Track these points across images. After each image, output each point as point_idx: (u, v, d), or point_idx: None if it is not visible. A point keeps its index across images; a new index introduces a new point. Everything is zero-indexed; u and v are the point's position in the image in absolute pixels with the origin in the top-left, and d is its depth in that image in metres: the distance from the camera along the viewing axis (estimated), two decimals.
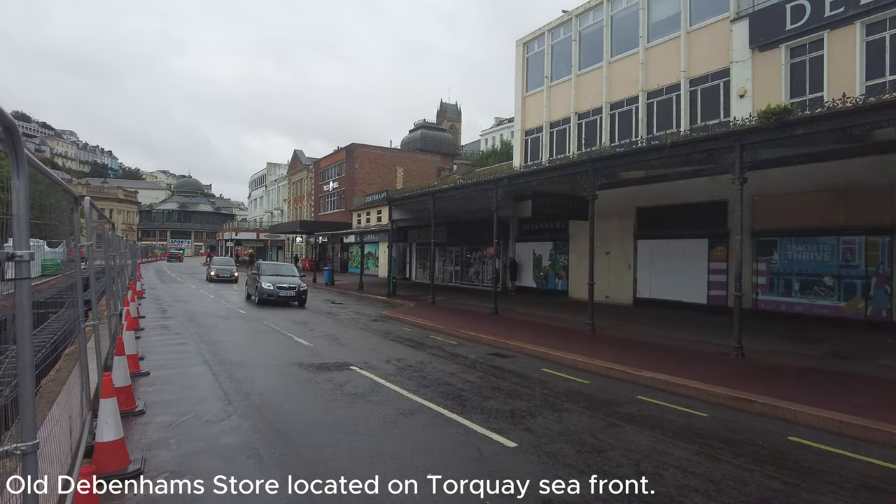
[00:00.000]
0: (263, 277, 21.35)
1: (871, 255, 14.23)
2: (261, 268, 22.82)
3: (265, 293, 20.53)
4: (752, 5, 17.59)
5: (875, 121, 9.33)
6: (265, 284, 20.70)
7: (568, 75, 24.48)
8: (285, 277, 21.74)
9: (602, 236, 20.90)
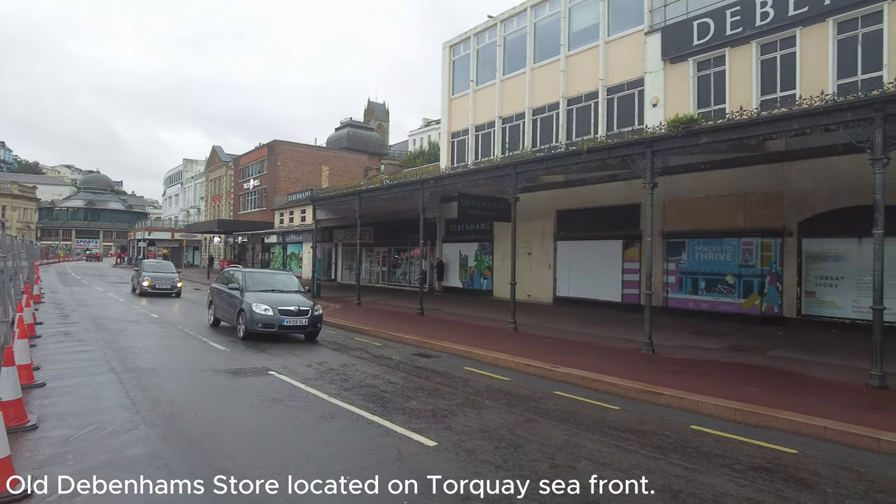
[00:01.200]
0: (251, 296, 13.02)
1: (765, 256, 15.47)
2: (245, 280, 13.88)
3: (259, 322, 12.39)
4: (664, 20, 18.65)
5: (767, 132, 10.15)
6: (258, 308, 12.42)
7: (493, 80, 24.96)
8: (286, 295, 13.54)
9: (525, 237, 21.51)
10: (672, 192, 17.12)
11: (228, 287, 14.24)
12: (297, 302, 12.91)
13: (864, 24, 14.25)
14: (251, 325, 12.37)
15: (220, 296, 14.67)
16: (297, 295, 13.85)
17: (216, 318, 15.00)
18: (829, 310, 14.34)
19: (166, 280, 24.45)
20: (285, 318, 12.39)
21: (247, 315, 12.45)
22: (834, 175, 13.83)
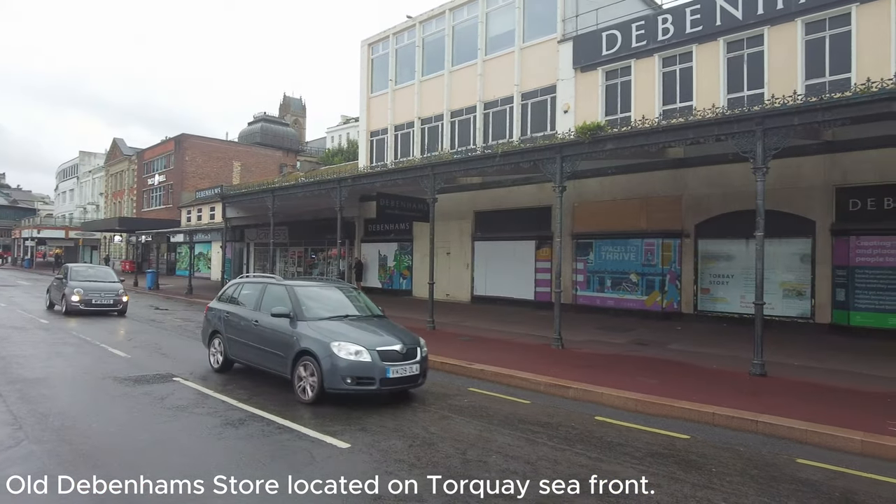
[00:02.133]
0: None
1: (666, 256, 16.58)
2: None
3: (347, 374, 8.16)
4: (575, 30, 19.49)
5: (666, 140, 10.90)
6: (343, 352, 8.09)
7: (412, 80, 25.02)
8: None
9: (443, 238, 21.74)
10: (581, 196, 17.95)
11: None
12: (394, 336, 7.97)
13: (749, 46, 15.61)
14: (332, 381, 7.32)
15: (240, 327, 9.03)
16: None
17: (227, 357, 9.33)
18: (721, 305, 15.58)
19: (106, 293, 17.60)
20: (390, 365, 7.48)
21: (322, 362, 7.39)
22: (726, 181, 15.03)
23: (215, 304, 10.03)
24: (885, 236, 13.11)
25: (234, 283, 10.28)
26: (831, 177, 13.84)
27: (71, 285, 17.39)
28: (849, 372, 9.69)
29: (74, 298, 17.04)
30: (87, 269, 19.65)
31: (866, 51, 13.74)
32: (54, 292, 18.75)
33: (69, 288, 17.25)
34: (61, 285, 17.85)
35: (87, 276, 18.43)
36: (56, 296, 18.45)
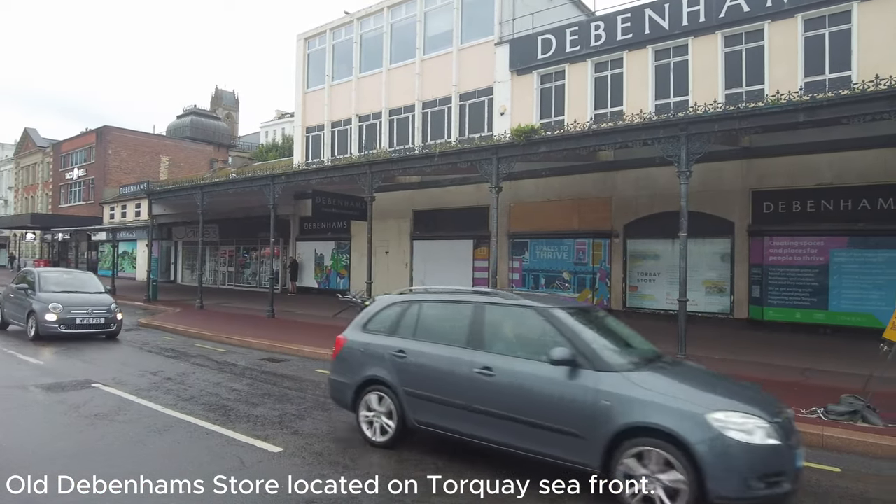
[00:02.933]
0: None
1: (596, 255, 17.17)
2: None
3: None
4: (512, 33, 19.83)
5: (597, 144, 11.29)
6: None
7: (349, 77, 24.69)
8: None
9: (382, 236, 21.59)
10: (517, 196, 18.29)
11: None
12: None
13: (675, 55, 16.39)
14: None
15: (440, 378, 5.55)
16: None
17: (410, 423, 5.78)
18: (648, 302, 16.29)
19: (95, 308, 12.91)
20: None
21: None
22: (653, 184, 15.72)
23: (363, 337, 6.36)
24: (794, 237, 14.12)
25: (399, 300, 6.42)
26: (748, 181, 14.75)
27: (42, 298, 12.53)
28: (763, 363, 10.36)
29: (50, 318, 12.14)
30: (60, 276, 14.46)
31: (778, 64, 14.72)
32: (10, 307, 13.98)
33: (40, 302, 12.42)
34: (23, 298, 13.02)
35: (64, 285, 13.50)
36: (15, 313, 13.58)
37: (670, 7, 16.25)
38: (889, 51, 13.17)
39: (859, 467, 5.65)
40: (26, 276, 14.18)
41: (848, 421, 6.68)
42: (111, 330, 13.00)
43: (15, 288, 13.97)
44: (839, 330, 13.21)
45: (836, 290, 13.53)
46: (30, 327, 12.58)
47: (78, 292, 13.31)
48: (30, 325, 12.58)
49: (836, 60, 14.09)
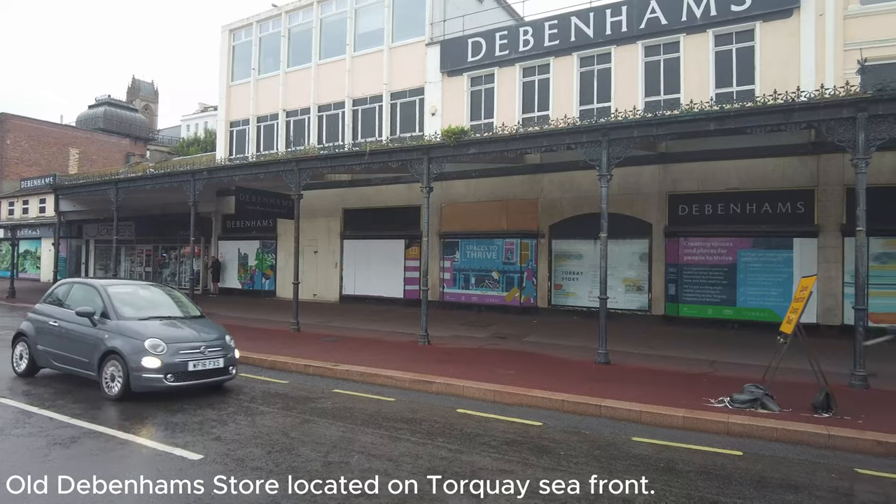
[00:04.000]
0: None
1: (524, 254, 17.60)
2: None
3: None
4: (443, 34, 19.96)
5: (524, 147, 11.57)
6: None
7: (277, 71, 24.01)
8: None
9: (310, 235, 21.16)
10: (448, 197, 18.47)
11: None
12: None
13: (599, 62, 17.07)
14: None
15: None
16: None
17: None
18: (572, 300, 16.87)
19: (210, 347, 8.15)
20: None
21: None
22: (577, 186, 16.30)
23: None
24: (705, 238, 15.07)
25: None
26: (665, 185, 15.59)
27: (125, 330, 7.84)
28: (677, 357, 11.00)
29: (150, 363, 7.47)
30: (136, 292, 9.30)
31: (692, 75, 15.67)
32: (51, 343, 8.64)
33: (125, 337, 7.72)
34: (83, 330, 8.15)
35: (145, 307, 8.66)
36: (63, 351, 8.44)
37: (595, 16, 16.92)
38: (786, 68, 14.34)
39: (759, 450, 6.11)
40: (83, 294, 8.72)
41: (749, 408, 7.22)
42: (230, 376, 8.40)
43: (58, 313, 8.67)
44: (745, 324, 14.23)
45: (743, 288, 14.57)
46: (109, 379, 7.61)
47: (171, 318, 8.60)
48: (109, 376, 7.63)
49: (743, 74, 15.17)
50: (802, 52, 14.37)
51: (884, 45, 13.58)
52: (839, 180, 13.37)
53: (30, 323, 9.18)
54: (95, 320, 8.08)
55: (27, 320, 9.29)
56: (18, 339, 9.22)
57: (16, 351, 9.22)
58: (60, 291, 9.33)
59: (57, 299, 9.20)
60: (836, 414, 6.97)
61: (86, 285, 9.20)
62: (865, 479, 5.39)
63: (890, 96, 8.44)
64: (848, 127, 8.72)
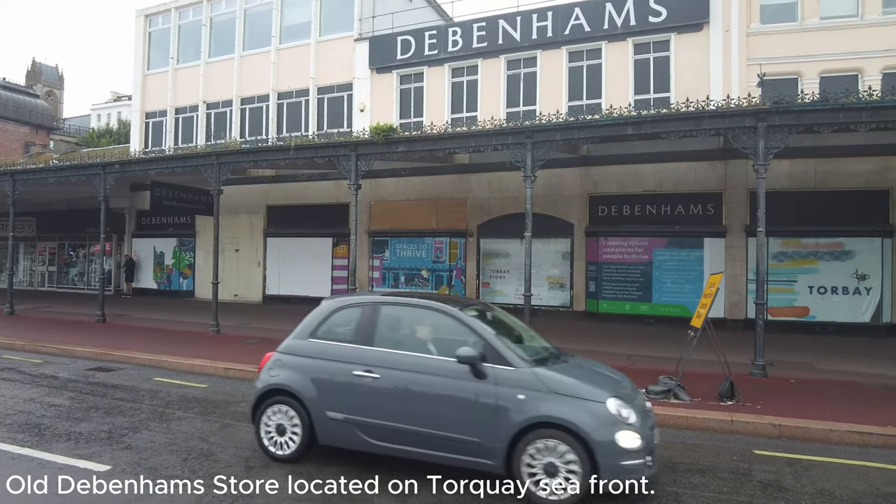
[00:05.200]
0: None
1: (453, 253, 17.76)
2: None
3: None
4: (372, 30, 19.75)
5: (452, 147, 11.68)
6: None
7: (197, 61, 22.90)
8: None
9: (232, 233, 20.38)
10: (378, 194, 18.32)
11: None
12: None
13: (526, 66, 17.48)
14: None
15: None
16: None
17: None
18: (499, 297, 17.17)
19: None
20: None
21: None
22: (504, 187, 16.60)
23: None
24: (622, 237, 15.79)
25: None
26: (586, 187, 16.18)
27: (559, 385, 4.82)
28: (596, 351, 11.39)
29: (629, 443, 4.56)
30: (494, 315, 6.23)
31: (613, 81, 16.35)
32: (349, 402, 5.28)
33: (574, 404, 4.68)
34: (467, 388, 4.88)
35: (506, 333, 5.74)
36: (443, 429, 4.92)
37: (521, 20, 17.30)
38: (698, 78, 15.26)
39: (671, 438, 6.47)
40: (411, 321, 5.70)
41: (663, 399, 7.63)
42: None
43: (370, 357, 5.33)
44: (660, 319, 15.03)
45: (658, 285, 15.38)
46: (543, 473, 4.57)
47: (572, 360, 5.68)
48: (543, 468, 4.58)
49: (659, 82, 16.00)
50: (712, 64, 15.35)
51: (780, 62, 14.77)
52: (744, 184, 14.39)
53: (293, 373, 5.48)
54: (483, 369, 4.82)
55: (280, 367, 5.57)
56: (273, 402, 5.50)
57: (271, 421, 5.48)
58: (343, 320, 5.72)
59: (343, 334, 5.57)
60: (739, 401, 7.50)
61: (414, 308, 5.74)
62: (762, 459, 5.84)
63: (785, 108, 9.18)
64: (750, 135, 9.39)
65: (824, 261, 14.12)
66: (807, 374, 9.43)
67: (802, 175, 14.10)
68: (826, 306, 14.06)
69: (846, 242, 13.97)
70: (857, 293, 13.87)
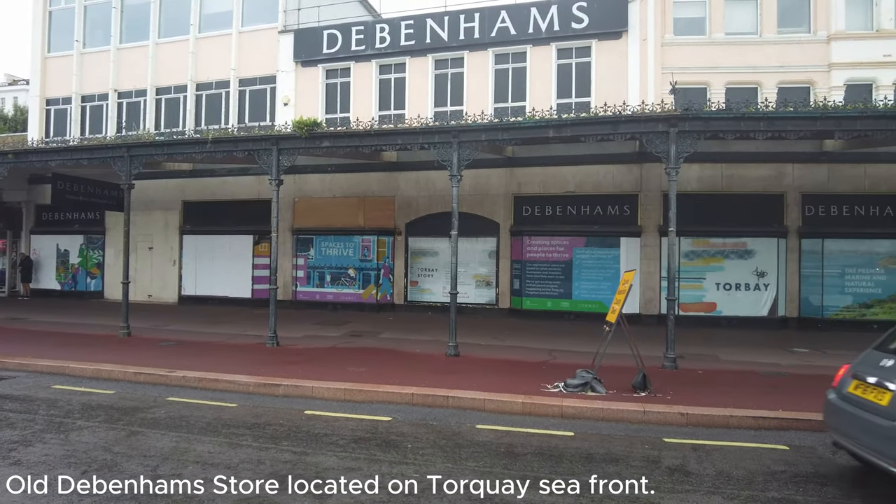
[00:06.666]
0: None
1: (381, 251, 17.60)
2: None
3: None
4: (297, 23, 19.23)
5: (378, 144, 11.56)
6: None
7: (107, 45, 21.41)
8: None
9: (145, 230, 19.29)
10: (302, 191, 17.86)
11: None
12: None
13: (453, 66, 17.62)
14: None
15: None
16: None
17: None
18: (427, 296, 17.22)
19: None
20: None
21: None
22: (432, 186, 16.64)
23: None
24: (545, 237, 16.22)
25: None
26: (511, 187, 16.49)
27: None
28: (520, 346, 11.71)
29: None
30: None
31: (537, 84, 16.78)
32: None
33: None
34: None
35: None
36: None
37: (449, 20, 17.41)
38: (616, 84, 15.94)
39: (588, 430, 6.71)
40: None
41: (581, 392, 7.90)
42: None
43: None
44: (580, 315, 15.56)
45: (578, 282, 15.92)
46: None
47: None
48: None
49: (581, 87, 16.59)
50: (630, 71, 16.08)
51: (691, 72, 15.70)
52: (658, 187, 15.15)
53: None
54: None
55: None
56: None
57: None
58: None
59: None
60: (651, 392, 7.89)
61: None
62: (671, 446, 6.16)
63: (694, 115, 9.75)
64: (663, 139, 9.90)
65: (730, 259, 15.14)
66: (713, 366, 10.07)
67: (711, 179, 15.04)
68: (731, 302, 15.07)
69: (749, 242, 15.05)
70: (758, 289, 14.97)
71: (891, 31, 15.48)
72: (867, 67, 15.41)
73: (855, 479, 5.29)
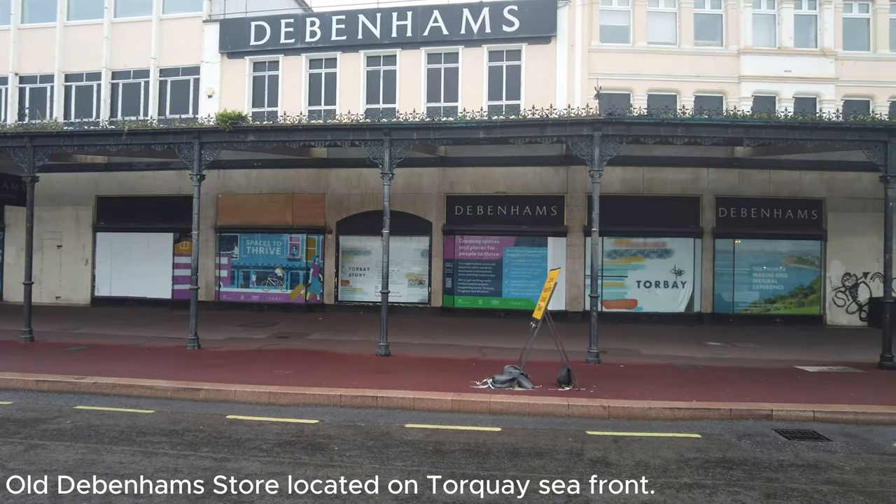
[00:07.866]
0: None
1: (310, 250, 17.20)
2: None
3: None
4: (223, 12, 18.44)
5: (307, 139, 11.27)
6: None
7: (6, 24, 19.70)
8: None
9: (54, 227, 18.00)
10: (226, 187, 17.19)
11: None
12: None
13: (386, 63, 17.47)
14: None
15: None
16: None
17: None
18: (359, 295, 17.00)
19: None
20: None
21: None
22: (364, 183, 16.44)
23: None
24: (477, 236, 16.41)
25: None
26: (443, 187, 16.57)
27: None
28: (451, 344, 11.78)
29: None
30: None
31: (469, 85, 16.93)
32: None
33: None
34: None
35: None
36: None
37: (381, 17, 17.26)
38: (545, 88, 16.35)
39: (514, 425, 6.84)
40: None
41: (508, 387, 8.04)
42: None
43: None
44: (510, 313, 15.86)
45: (507, 281, 16.22)
46: None
47: None
48: None
49: (511, 90, 16.89)
50: (558, 75, 16.54)
51: (616, 78, 16.33)
52: (583, 189, 15.67)
53: None
54: None
55: None
56: None
57: None
58: None
59: None
60: (576, 386, 8.14)
61: None
62: (593, 438, 6.38)
63: (617, 120, 10.15)
64: (587, 143, 10.24)
65: (650, 258, 15.89)
66: (634, 360, 10.52)
67: (633, 181, 15.73)
68: (651, 298, 15.82)
69: (668, 242, 15.86)
70: (675, 286, 15.80)
71: (791, 49, 16.75)
72: (771, 81, 16.60)
73: (758, 462, 5.67)
